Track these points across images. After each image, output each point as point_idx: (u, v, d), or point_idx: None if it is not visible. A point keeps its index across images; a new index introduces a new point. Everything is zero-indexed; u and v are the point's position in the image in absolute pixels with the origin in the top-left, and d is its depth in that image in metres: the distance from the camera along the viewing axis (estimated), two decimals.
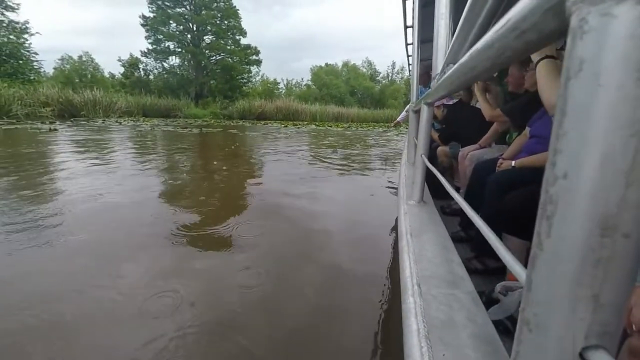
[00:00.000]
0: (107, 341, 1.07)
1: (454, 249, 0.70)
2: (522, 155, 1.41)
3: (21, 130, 8.01)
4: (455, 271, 0.61)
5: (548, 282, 0.18)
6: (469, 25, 0.42)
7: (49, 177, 3.26)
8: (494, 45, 0.26)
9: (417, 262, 0.64)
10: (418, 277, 0.59)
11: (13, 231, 1.87)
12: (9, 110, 12.07)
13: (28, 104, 13.22)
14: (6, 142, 5.82)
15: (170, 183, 3.23)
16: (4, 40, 18.11)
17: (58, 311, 1.19)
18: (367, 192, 3.16)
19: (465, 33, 0.44)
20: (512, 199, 1.14)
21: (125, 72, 24.66)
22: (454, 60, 0.53)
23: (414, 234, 0.78)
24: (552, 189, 0.17)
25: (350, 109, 22.89)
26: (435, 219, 0.90)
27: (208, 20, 23.23)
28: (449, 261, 0.65)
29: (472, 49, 0.33)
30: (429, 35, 3.27)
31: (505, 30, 0.22)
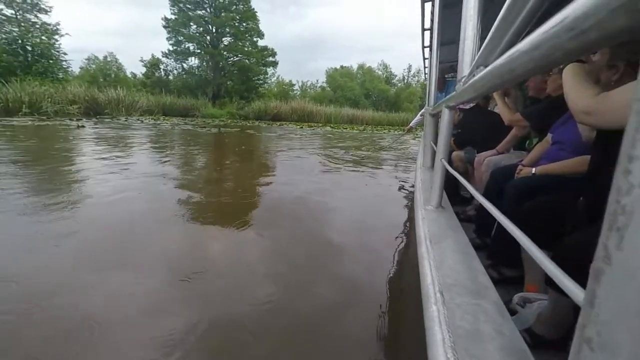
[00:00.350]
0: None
1: (476, 257, 0.68)
2: (543, 162, 1.36)
3: (52, 126, 8.42)
4: (480, 280, 0.59)
5: (618, 298, 0.16)
6: (505, 25, 0.40)
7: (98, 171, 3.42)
8: (541, 46, 0.24)
9: (438, 270, 0.62)
10: (440, 284, 0.57)
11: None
12: (39, 107, 12.69)
13: (57, 101, 13.85)
14: (46, 137, 6.14)
15: (197, 174, 3.35)
16: (36, 41, 19.07)
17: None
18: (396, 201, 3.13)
19: (501, 34, 0.42)
20: (533, 207, 1.09)
21: (147, 72, 25.47)
22: (485, 62, 0.52)
23: (434, 240, 0.76)
24: (625, 199, 0.16)
25: (365, 112, 22.78)
26: (454, 225, 0.87)
27: (227, 22, 23.70)
28: (472, 269, 0.63)
29: (511, 51, 0.32)
30: (449, 37, 3.14)
31: (559, 30, 0.21)
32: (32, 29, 19.13)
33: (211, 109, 20.57)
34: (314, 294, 1.42)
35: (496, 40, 0.44)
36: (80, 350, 1.02)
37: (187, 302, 1.29)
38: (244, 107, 21.33)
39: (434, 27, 1.61)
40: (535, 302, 0.94)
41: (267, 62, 25.99)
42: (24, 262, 1.53)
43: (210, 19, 23.68)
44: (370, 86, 30.75)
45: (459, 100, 0.76)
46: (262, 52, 25.48)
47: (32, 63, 18.71)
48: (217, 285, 1.43)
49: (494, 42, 0.45)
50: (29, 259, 1.57)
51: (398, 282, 1.59)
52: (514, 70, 0.32)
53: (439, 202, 1.00)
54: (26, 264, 1.51)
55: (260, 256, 1.76)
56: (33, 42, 18.92)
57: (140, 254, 1.69)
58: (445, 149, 0.97)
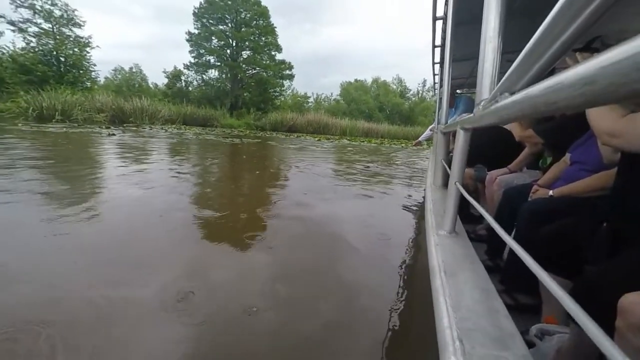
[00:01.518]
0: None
1: (496, 295, 0.62)
2: (560, 183, 1.28)
3: (85, 134, 8.78)
4: (503, 326, 0.53)
5: None
6: (538, 51, 0.36)
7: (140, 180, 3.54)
8: (597, 81, 0.21)
9: (455, 310, 0.57)
10: (459, 329, 0.52)
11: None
12: (70, 114, 13.28)
13: (86, 109, 14.49)
14: (87, 144, 6.40)
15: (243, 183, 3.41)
16: (69, 53, 20.18)
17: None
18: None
19: (532, 60, 0.38)
20: (551, 232, 1.02)
21: (169, 82, 26.47)
22: (510, 89, 0.48)
23: (449, 271, 0.71)
24: None
25: (380, 125, 22.88)
26: (470, 255, 0.81)
27: (247, 36, 24.60)
28: (494, 311, 0.57)
29: (550, 81, 0.29)
30: (459, 54, 3.10)
31: (628, 65, 0.18)
32: (66, 42, 20.30)
33: (229, 119, 21.09)
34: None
35: (525, 66, 0.41)
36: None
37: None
38: (260, 118, 21.78)
39: (446, 45, 1.58)
40: (555, 335, 0.87)
41: (284, 75, 26.67)
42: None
43: (232, 33, 24.61)
44: (385, 100, 30.99)
45: (477, 124, 0.72)
46: (280, 66, 26.20)
47: (64, 73, 19.76)
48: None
49: (523, 68, 0.42)
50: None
51: (409, 314, 1.42)
52: (553, 103, 0.29)
53: (452, 227, 0.94)
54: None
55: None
56: (66, 53, 20.04)
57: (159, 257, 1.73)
58: (460, 171, 0.92)
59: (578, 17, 0.27)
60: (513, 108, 0.43)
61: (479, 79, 0.73)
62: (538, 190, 1.31)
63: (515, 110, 0.42)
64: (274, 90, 26.80)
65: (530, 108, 0.36)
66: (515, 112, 0.43)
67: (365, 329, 1.27)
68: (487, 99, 0.65)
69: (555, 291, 0.32)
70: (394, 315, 1.37)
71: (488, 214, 0.67)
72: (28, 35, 19.33)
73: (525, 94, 0.36)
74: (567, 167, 1.33)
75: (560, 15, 0.29)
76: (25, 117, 12.21)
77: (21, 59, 18.64)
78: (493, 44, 0.70)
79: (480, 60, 0.72)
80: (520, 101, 0.39)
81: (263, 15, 25.04)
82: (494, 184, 1.78)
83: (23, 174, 3.28)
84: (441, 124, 1.91)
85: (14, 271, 1.48)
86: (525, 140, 1.77)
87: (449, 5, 1.51)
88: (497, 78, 0.69)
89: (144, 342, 1.11)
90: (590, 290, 0.72)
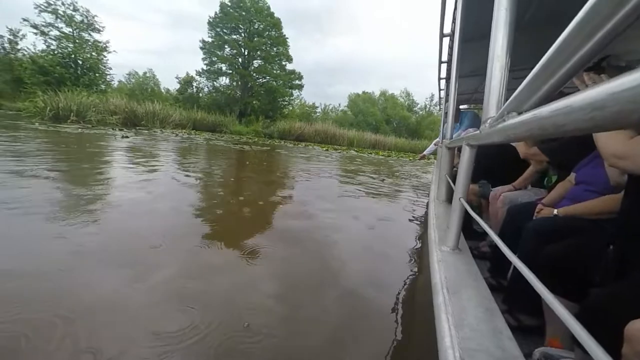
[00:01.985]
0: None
1: (500, 315, 0.61)
2: (565, 202, 1.27)
3: (99, 135, 8.97)
4: (506, 347, 0.52)
5: None
6: (548, 72, 0.36)
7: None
8: (607, 107, 0.21)
9: (458, 328, 0.55)
10: (461, 349, 0.50)
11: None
12: (85, 115, 13.57)
13: (100, 111, 14.81)
14: (104, 145, 6.53)
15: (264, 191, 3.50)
16: (87, 56, 20.81)
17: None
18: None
19: (541, 81, 0.38)
20: (555, 252, 1.01)
21: (181, 88, 27.04)
22: (518, 109, 0.48)
23: (451, 289, 0.70)
24: None
25: (388, 138, 22.96)
26: (473, 272, 0.80)
27: (259, 46, 25.17)
28: (497, 332, 0.56)
29: (559, 104, 0.29)
30: (465, 70, 3.12)
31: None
32: (84, 46, 20.96)
33: (238, 126, 21.38)
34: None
35: (534, 86, 0.40)
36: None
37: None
38: (269, 126, 22.02)
39: (453, 61, 1.59)
40: (560, 359, 0.86)
41: (293, 85, 27.11)
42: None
43: (244, 42, 25.22)
44: (392, 112, 31.22)
45: (483, 141, 0.72)
46: (290, 75, 26.66)
47: (81, 75, 20.33)
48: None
49: (532, 88, 0.41)
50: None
51: (408, 332, 1.36)
52: (562, 125, 0.29)
53: (456, 244, 0.94)
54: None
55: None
56: (84, 57, 20.67)
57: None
58: (465, 188, 0.92)
59: (592, 37, 0.26)
60: (520, 128, 0.43)
61: (485, 97, 0.74)
62: (543, 210, 1.30)
63: (523, 130, 0.42)
64: (282, 99, 27.20)
65: (538, 129, 0.36)
66: (523, 132, 0.43)
67: (363, 347, 1.22)
68: (494, 117, 0.65)
69: (561, 313, 0.31)
70: (393, 333, 1.33)
71: (492, 231, 0.66)
72: (49, 38, 20.02)
73: (533, 114, 0.36)
74: (572, 186, 1.32)
75: (573, 35, 0.29)
76: (42, 116, 12.51)
77: (41, 60, 19.25)
78: (501, 63, 0.71)
79: (488, 78, 0.73)
80: (528, 122, 0.39)
81: (276, 26, 25.67)
82: (498, 200, 1.77)
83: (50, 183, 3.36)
84: (446, 138, 1.89)
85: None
86: (530, 158, 1.76)
87: (457, 23, 1.53)
88: (504, 96, 0.69)
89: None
90: (597, 314, 0.70)
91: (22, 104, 14.21)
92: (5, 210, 2.16)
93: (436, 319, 0.62)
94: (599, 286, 0.88)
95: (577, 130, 0.28)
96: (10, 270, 1.44)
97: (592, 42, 0.27)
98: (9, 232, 1.84)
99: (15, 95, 19.62)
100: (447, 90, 2.93)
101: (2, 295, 1.26)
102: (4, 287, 1.31)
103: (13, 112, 15.59)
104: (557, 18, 1.88)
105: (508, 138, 0.52)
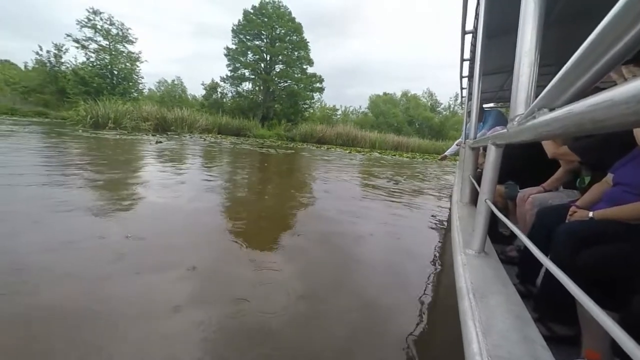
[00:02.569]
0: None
1: (532, 323, 0.57)
2: (602, 205, 1.18)
3: (135, 140, 9.48)
4: (540, 356, 0.48)
5: None
6: (584, 66, 0.34)
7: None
8: None
9: (485, 335, 0.52)
10: (489, 356, 0.47)
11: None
12: (121, 122, 14.44)
13: (133, 118, 15.70)
14: (141, 149, 6.92)
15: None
16: (121, 67, 22.17)
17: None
18: None
19: (576, 76, 0.36)
20: (593, 258, 0.93)
21: (206, 94, 28.08)
22: (550, 105, 0.46)
23: (477, 294, 0.66)
24: None
25: (411, 139, 22.51)
26: (501, 276, 0.76)
27: (281, 51, 25.64)
28: (529, 340, 0.52)
29: (597, 98, 0.27)
30: (489, 68, 2.97)
31: None
32: (119, 57, 22.35)
33: (261, 130, 21.84)
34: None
35: (567, 81, 0.38)
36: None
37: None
38: (291, 129, 22.30)
39: (476, 58, 1.53)
40: None
41: (314, 88, 27.32)
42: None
43: (266, 48, 25.79)
44: (415, 113, 30.60)
45: (511, 140, 0.68)
46: (311, 79, 26.91)
47: (116, 85, 21.67)
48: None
49: (565, 84, 0.39)
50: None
51: (431, 337, 1.36)
52: (601, 121, 0.28)
53: (481, 247, 0.89)
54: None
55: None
56: (119, 67, 22.02)
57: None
58: (491, 189, 0.87)
59: (632, 28, 0.24)
60: (553, 125, 0.41)
61: (513, 94, 0.71)
62: (576, 212, 1.21)
63: (556, 127, 0.40)
64: (304, 102, 27.47)
65: (573, 125, 0.34)
66: (555, 130, 0.41)
67: (385, 352, 1.22)
68: (523, 115, 0.62)
69: (604, 322, 0.28)
70: (416, 337, 1.31)
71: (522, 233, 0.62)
72: (89, 51, 21.54)
73: (568, 110, 0.35)
74: (610, 188, 1.23)
75: (610, 26, 0.27)
76: (84, 124, 13.46)
77: (81, 72, 20.75)
78: (530, 58, 0.67)
79: (515, 74, 0.70)
80: (561, 118, 0.37)
81: (297, 31, 26.04)
82: (527, 202, 1.66)
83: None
84: (469, 138, 1.83)
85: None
86: (559, 158, 1.63)
87: (480, 19, 1.48)
88: (534, 93, 0.66)
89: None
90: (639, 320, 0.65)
91: (66, 113, 15.35)
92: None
93: (462, 325, 0.59)
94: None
95: (619, 125, 0.26)
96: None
97: (632, 33, 0.25)
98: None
99: (59, 105, 21.25)
100: (470, 88, 2.84)
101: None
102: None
103: (58, 121, 16.89)
104: (586, 14, 1.77)
105: (539, 136, 0.50)
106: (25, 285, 1.39)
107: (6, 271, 1.49)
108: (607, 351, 0.85)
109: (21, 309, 1.24)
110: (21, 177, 3.26)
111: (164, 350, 1.11)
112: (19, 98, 22.18)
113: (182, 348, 1.12)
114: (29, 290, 1.36)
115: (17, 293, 1.33)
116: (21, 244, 1.78)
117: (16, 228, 2.00)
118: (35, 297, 1.32)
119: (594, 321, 0.36)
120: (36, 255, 1.67)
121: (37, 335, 1.11)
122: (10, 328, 1.13)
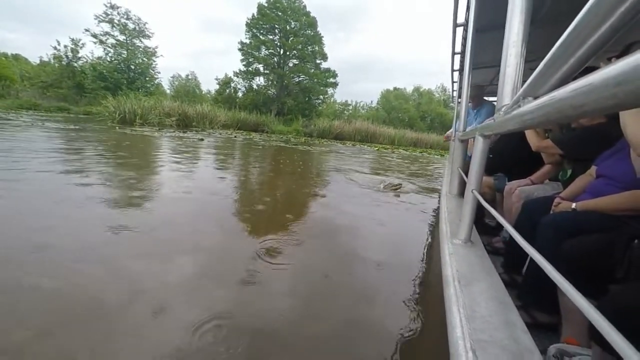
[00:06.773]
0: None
1: (514, 308, 0.59)
2: (585, 196, 1.22)
3: (185, 138, 9.62)
4: (521, 340, 0.50)
5: None
6: (565, 55, 0.35)
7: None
8: (630, 80, 0.21)
9: (469, 320, 0.54)
10: (472, 340, 0.49)
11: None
12: (147, 118, 14.56)
13: (157, 114, 15.81)
14: (201, 148, 7.07)
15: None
16: (138, 62, 22.16)
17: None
18: None
19: (558, 63, 0.37)
20: (575, 247, 0.98)
21: (219, 89, 28.06)
22: (534, 93, 0.46)
23: (463, 281, 0.67)
24: None
25: (428, 135, 22.54)
26: (486, 265, 0.78)
27: (295, 46, 25.52)
28: (510, 324, 0.54)
29: (577, 84, 0.28)
30: (479, 61, 3.01)
31: None
32: (136, 52, 22.33)
33: (279, 125, 21.91)
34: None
35: (551, 69, 0.39)
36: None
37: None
38: (308, 125, 22.35)
39: (466, 51, 1.53)
40: (576, 356, 0.84)
41: (328, 83, 27.26)
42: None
43: (280, 42, 25.67)
44: (427, 108, 30.53)
45: (498, 130, 0.69)
46: (325, 74, 26.83)
47: (134, 79, 21.70)
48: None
49: (548, 72, 0.40)
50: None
51: (419, 323, 1.37)
52: (581, 105, 0.28)
53: (468, 236, 0.90)
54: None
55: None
56: (136, 62, 22.02)
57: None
58: (478, 179, 0.88)
59: (608, 19, 0.26)
60: (537, 112, 0.41)
61: (500, 85, 0.72)
62: (560, 204, 1.25)
63: (540, 114, 0.41)
64: (317, 97, 27.45)
65: (555, 112, 0.35)
66: (539, 117, 0.41)
67: (374, 336, 1.25)
68: (509, 105, 0.63)
69: (582, 306, 0.30)
70: (404, 325, 1.33)
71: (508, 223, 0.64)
72: (107, 46, 21.53)
73: (550, 97, 0.35)
74: (593, 180, 1.27)
75: (588, 16, 0.28)
76: (112, 119, 13.58)
77: (100, 67, 20.78)
78: (516, 49, 0.69)
79: (502, 65, 0.71)
80: (545, 105, 0.37)
81: (311, 26, 25.86)
82: (513, 195, 1.72)
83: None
84: (459, 131, 1.85)
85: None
86: (542, 151, 1.69)
87: (470, 12, 1.48)
88: (519, 84, 0.68)
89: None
90: (618, 311, 0.68)
91: (95, 108, 15.41)
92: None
93: (447, 311, 0.61)
94: (620, 282, 0.87)
95: (598, 110, 0.27)
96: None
97: (612, 19, 0.25)
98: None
99: (77, 100, 21.32)
100: (461, 82, 2.79)
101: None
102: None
103: (83, 116, 17.00)
104: (575, 13, 1.78)
105: (524, 124, 0.50)
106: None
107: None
108: (583, 336, 0.90)
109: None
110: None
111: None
112: (37, 93, 22.26)
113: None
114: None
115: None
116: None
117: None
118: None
119: (574, 309, 0.45)
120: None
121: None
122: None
